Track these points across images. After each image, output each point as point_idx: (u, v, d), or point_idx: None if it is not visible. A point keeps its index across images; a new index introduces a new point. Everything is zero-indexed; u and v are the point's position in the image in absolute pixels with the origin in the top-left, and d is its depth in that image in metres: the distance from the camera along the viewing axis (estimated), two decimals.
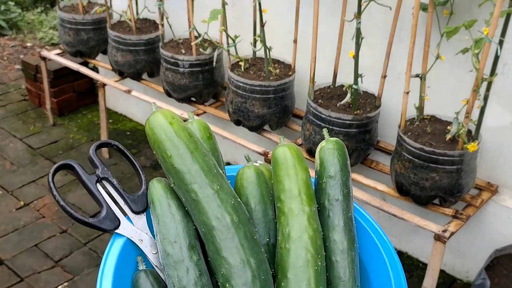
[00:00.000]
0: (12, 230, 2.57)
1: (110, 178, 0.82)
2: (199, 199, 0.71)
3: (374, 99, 2.27)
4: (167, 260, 0.72)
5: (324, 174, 0.79)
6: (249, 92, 2.36)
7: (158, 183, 0.77)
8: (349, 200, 0.80)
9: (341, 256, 0.75)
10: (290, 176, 0.77)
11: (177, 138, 0.74)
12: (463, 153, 1.93)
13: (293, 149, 0.80)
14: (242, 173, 0.80)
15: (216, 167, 0.75)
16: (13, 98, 3.74)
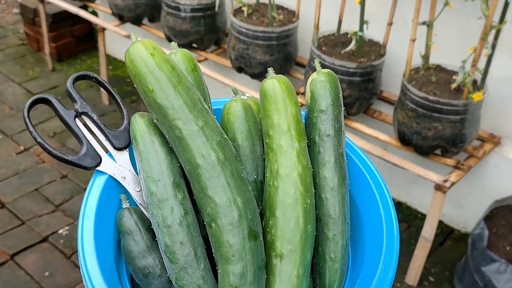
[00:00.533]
0: (12, 174, 2.57)
1: (90, 112, 0.78)
2: (183, 136, 0.68)
3: (379, 47, 2.23)
4: (151, 199, 0.69)
5: (315, 108, 0.76)
6: (252, 38, 2.32)
7: (140, 118, 0.74)
8: (341, 135, 0.76)
9: (331, 193, 0.73)
10: (279, 110, 0.74)
11: (159, 71, 0.70)
12: (468, 103, 1.91)
13: (283, 82, 0.76)
14: (229, 107, 0.76)
15: (201, 102, 0.71)
16: (11, 42, 3.68)
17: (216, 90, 3.07)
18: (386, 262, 0.67)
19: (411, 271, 2.13)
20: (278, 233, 0.67)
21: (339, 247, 0.71)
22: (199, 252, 0.67)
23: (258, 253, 0.66)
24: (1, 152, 2.70)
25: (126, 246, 0.71)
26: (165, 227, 0.67)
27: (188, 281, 0.66)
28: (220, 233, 0.65)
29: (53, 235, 2.27)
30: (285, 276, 0.66)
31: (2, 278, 2.07)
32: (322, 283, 0.72)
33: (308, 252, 0.68)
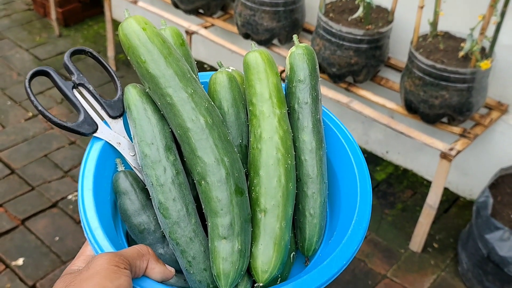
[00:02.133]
0: (21, 140, 2.60)
1: (86, 84, 0.83)
2: (174, 102, 0.74)
3: (387, 14, 2.20)
4: (145, 160, 0.75)
5: (294, 79, 0.82)
6: (258, 4, 2.30)
7: (133, 88, 0.79)
8: (318, 103, 0.83)
9: (309, 155, 0.79)
10: (261, 80, 0.80)
11: (150, 43, 0.75)
12: (475, 71, 1.90)
13: (264, 54, 0.82)
14: (215, 78, 0.83)
15: (190, 72, 0.77)
16: (18, 8, 3.66)
17: (223, 55, 3.06)
18: (360, 214, 0.73)
19: (416, 237, 2.16)
20: (262, 190, 0.74)
21: (317, 204, 0.78)
22: (190, 208, 0.73)
23: (244, 207, 0.72)
24: (10, 118, 2.73)
25: (122, 205, 0.76)
26: (158, 186, 0.73)
27: (181, 234, 0.72)
28: (210, 189, 0.71)
29: (62, 200, 2.30)
30: (269, 229, 0.72)
31: (13, 242, 2.11)
32: (303, 237, 0.78)
33: (289, 207, 0.74)
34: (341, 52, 2.14)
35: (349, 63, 2.16)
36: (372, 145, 2.63)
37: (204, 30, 2.55)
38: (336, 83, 2.27)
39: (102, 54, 3.23)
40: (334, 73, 2.21)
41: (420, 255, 2.15)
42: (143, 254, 0.67)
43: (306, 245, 0.78)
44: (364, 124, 2.60)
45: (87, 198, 0.72)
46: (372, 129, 2.58)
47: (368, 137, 2.63)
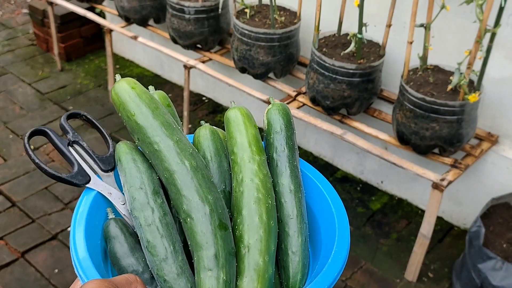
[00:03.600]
0: (23, 173, 2.64)
1: (80, 141, 0.89)
2: (161, 149, 0.80)
3: (378, 48, 2.27)
4: (134, 204, 0.80)
5: (271, 131, 0.90)
6: (254, 39, 2.37)
7: (123, 143, 0.87)
8: (294, 152, 0.90)
9: (289, 197, 0.84)
10: (241, 131, 0.87)
11: (139, 99, 0.83)
12: (464, 104, 1.95)
13: (243, 110, 0.90)
14: (199, 132, 0.91)
15: (175, 124, 0.83)
16: (21, 43, 3.75)
17: (221, 88, 3.13)
18: (340, 244, 0.78)
19: (410, 267, 2.18)
20: (245, 228, 0.79)
21: (299, 242, 0.82)
22: (177, 246, 0.77)
23: (228, 241, 0.76)
24: (12, 152, 2.78)
25: (112, 248, 0.80)
26: (146, 226, 0.77)
27: (168, 271, 0.76)
28: (195, 224, 0.76)
29: (62, 232, 2.34)
30: (252, 262, 0.77)
31: (13, 275, 2.14)
32: (287, 275, 0.82)
33: (272, 243, 0.79)
34: (334, 86, 2.20)
35: (342, 96, 2.21)
36: (367, 175, 2.67)
37: (202, 65, 2.62)
38: (330, 115, 2.32)
39: (103, 88, 3.30)
40: (328, 106, 2.26)
41: (415, 285, 2.17)
42: (131, 281, 0.70)
43: (290, 283, 0.81)
44: (359, 154, 2.65)
45: (79, 240, 0.76)
46: (367, 159, 2.63)
47: (363, 167, 2.67)
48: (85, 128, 2.90)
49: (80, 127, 2.90)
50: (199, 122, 3.02)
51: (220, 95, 3.19)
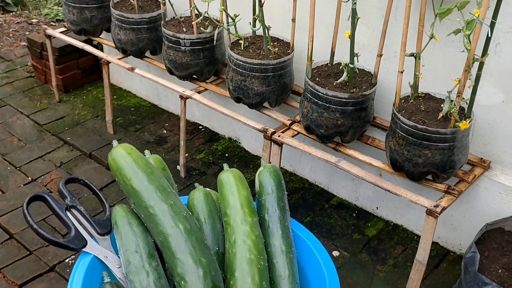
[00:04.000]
0: (20, 205, 2.66)
1: (78, 206, 0.97)
2: (156, 212, 0.83)
3: (370, 77, 2.32)
4: (129, 267, 0.82)
5: (263, 192, 0.93)
6: (249, 70, 2.41)
7: (120, 207, 0.90)
8: (285, 212, 0.92)
9: (281, 257, 0.86)
10: (233, 193, 0.90)
11: (135, 164, 0.87)
12: (455, 131, 1.98)
13: (235, 173, 0.94)
14: (193, 194, 0.94)
15: (170, 188, 0.86)
16: (20, 75, 3.80)
17: (217, 116, 3.17)
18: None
19: None
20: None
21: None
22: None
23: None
24: (10, 184, 2.80)
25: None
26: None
27: None
28: (189, 287, 0.77)
29: (60, 264, 2.35)
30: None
31: None
32: None
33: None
34: (328, 114, 2.24)
35: (336, 125, 2.25)
36: (362, 202, 2.70)
37: (198, 95, 2.66)
38: (324, 143, 2.35)
39: (101, 118, 3.34)
40: (322, 134, 2.30)
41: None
42: None
43: None
44: (354, 181, 2.68)
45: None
46: (362, 186, 2.65)
47: (358, 194, 2.70)
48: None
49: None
50: (195, 151, 3.06)
51: (216, 123, 3.23)
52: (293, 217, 0.97)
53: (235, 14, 2.43)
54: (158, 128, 3.28)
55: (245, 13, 2.59)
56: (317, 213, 2.66)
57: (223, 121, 3.16)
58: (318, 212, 2.67)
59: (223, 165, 0.97)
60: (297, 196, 2.77)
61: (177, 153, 3.01)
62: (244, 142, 3.12)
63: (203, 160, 3.01)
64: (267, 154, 2.43)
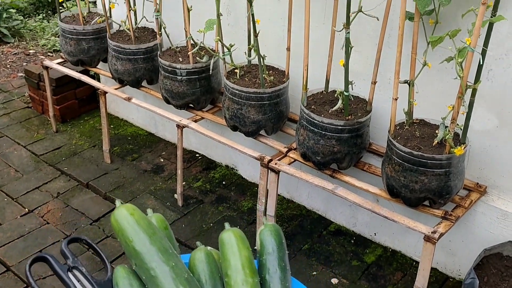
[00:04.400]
0: (17, 237, 2.65)
1: (80, 267, 0.94)
2: (157, 274, 0.83)
3: (365, 104, 2.34)
4: None
5: (264, 252, 0.92)
6: (245, 99, 2.43)
7: (121, 268, 0.90)
8: (286, 272, 0.91)
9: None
10: (234, 254, 0.90)
11: (137, 225, 0.86)
12: (451, 157, 2.00)
13: (237, 232, 0.95)
14: (194, 254, 0.94)
15: (172, 249, 0.87)
16: (17, 106, 3.82)
17: (213, 145, 3.18)
18: None
19: None
20: None
21: None
22: None
23: None
24: (6, 215, 2.79)
25: None
26: None
27: None
28: None
29: None
30: None
31: None
32: None
33: None
34: (324, 142, 2.25)
35: (332, 152, 2.26)
36: (360, 228, 2.70)
37: (194, 124, 2.68)
38: (321, 171, 2.36)
39: (98, 148, 3.34)
40: (319, 161, 2.31)
41: None
42: None
43: None
44: (351, 207, 2.68)
45: None
46: (359, 212, 2.65)
47: (356, 220, 2.70)
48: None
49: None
50: (192, 179, 3.06)
51: (213, 152, 3.24)
52: (291, 244, 0.99)
53: (231, 44, 2.46)
54: (155, 156, 3.29)
55: (241, 42, 2.62)
56: (315, 240, 2.66)
57: (220, 149, 3.17)
58: (316, 239, 2.67)
59: (225, 224, 0.97)
60: (295, 223, 2.77)
61: (174, 181, 3.02)
62: (241, 170, 3.13)
63: (200, 188, 3.01)
64: (264, 182, 2.44)
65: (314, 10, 2.41)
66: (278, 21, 2.57)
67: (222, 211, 2.84)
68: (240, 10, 2.68)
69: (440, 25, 2.05)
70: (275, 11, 2.57)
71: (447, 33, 1.89)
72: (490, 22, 1.83)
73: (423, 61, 2.04)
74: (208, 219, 2.78)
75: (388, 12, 2.09)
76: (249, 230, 2.70)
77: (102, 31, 3.12)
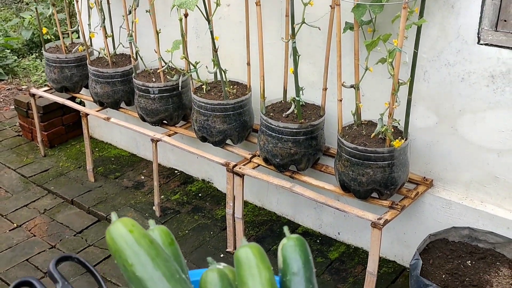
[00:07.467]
0: (5, 248, 2.84)
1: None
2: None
3: (319, 110, 2.56)
4: None
5: (287, 271, 0.79)
6: (210, 110, 2.66)
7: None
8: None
9: None
10: (253, 276, 0.76)
11: (137, 245, 0.73)
12: (392, 150, 2.20)
13: (255, 248, 0.80)
14: (206, 277, 0.80)
15: (179, 272, 0.73)
16: (8, 134, 4.05)
17: (190, 161, 3.38)
18: None
19: None
20: None
21: None
22: None
23: None
24: None
25: None
26: None
27: None
28: None
29: None
30: None
31: None
32: None
33: None
34: (281, 144, 2.46)
35: (289, 153, 2.47)
36: (325, 228, 2.88)
37: (168, 138, 2.90)
38: (281, 172, 2.57)
39: (83, 169, 3.55)
40: (278, 163, 2.51)
41: None
42: None
43: None
44: (316, 209, 2.87)
45: None
46: (324, 213, 2.84)
47: (321, 221, 2.88)
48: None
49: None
50: (171, 193, 3.26)
51: (191, 167, 3.44)
52: (261, 246, 0.87)
53: (196, 62, 2.70)
54: (136, 174, 3.49)
55: (208, 62, 2.86)
56: None
57: (196, 164, 3.38)
58: None
59: (241, 239, 0.80)
60: (265, 227, 2.95)
61: (153, 195, 3.21)
62: (216, 182, 3.33)
63: (178, 201, 3.21)
64: (230, 186, 2.64)
65: (272, 28, 2.67)
66: (240, 41, 2.81)
67: (197, 219, 3.03)
68: (208, 33, 2.93)
69: (378, 32, 2.28)
70: (237, 31, 2.82)
71: (379, 37, 2.12)
72: (414, 24, 2.07)
73: (365, 66, 2.27)
74: (184, 226, 2.97)
75: (332, 22, 2.33)
76: (221, 235, 2.88)
77: (83, 59, 3.37)
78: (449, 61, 2.21)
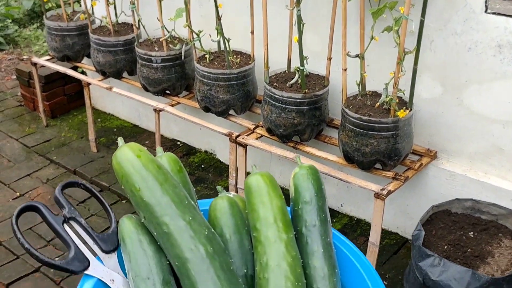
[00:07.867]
0: (8, 217, 2.84)
1: (78, 217, 0.79)
2: (171, 231, 0.68)
3: (323, 80, 2.53)
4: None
5: (299, 200, 0.78)
6: (213, 80, 2.63)
7: (128, 219, 0.76)
8: (327, 225, 0.78)
9: (322, 283, 0.72)
10: (264, 203, 0.75)
11: (145, 170, 0.72)
12: (396, 120, 2.19)
13: (266, 176, 0.79)
14: (215, 204, 0.78)
15: (188, 198, 0.72)
16: (10, 104, 4.04)
17: (194, 132, 3.37)
18: None
19: None
20: None
21: None
22: None
23: None
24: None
25: None
26: None
27: None
28: None
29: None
30: None
31: None
32: None
33: None
34: (285, 114, 2.45)
35: (293, 124, 2.45)
36: (328, 200, 2.87)
37: (170, 107, 2.88)
38: (284, 143, 2.55)
39: (85, 139, 3.55)
40: (282, 134, 2.50)
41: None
42: None
43: None
44: None
45: None
46: (327, 184, 2.80)
47: None
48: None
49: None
50: None
51: (193, 138, 3.43)
52: None
53: (199, 30, 2.67)
54: None
55: (212, 31, 2.82)
56: None
57: (199, 135, 3.37)
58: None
59: (252, 166, 0.77)
60: None
61: None
62: (219, 154, 3.32)
63: None
64: (233, 157, 2.63)
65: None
66: (244, 10, 2.77)
67: (200, 190, 3.03)
68: (211, 1, 2.89)
69: (384, 1, 2.24)
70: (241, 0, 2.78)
71: (385, 4, 2.09)
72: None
73: (370, 35, 2.23)
74: None
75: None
76: None
77: (85, 28, 3.34)
78: (456, 31, 2.18)
